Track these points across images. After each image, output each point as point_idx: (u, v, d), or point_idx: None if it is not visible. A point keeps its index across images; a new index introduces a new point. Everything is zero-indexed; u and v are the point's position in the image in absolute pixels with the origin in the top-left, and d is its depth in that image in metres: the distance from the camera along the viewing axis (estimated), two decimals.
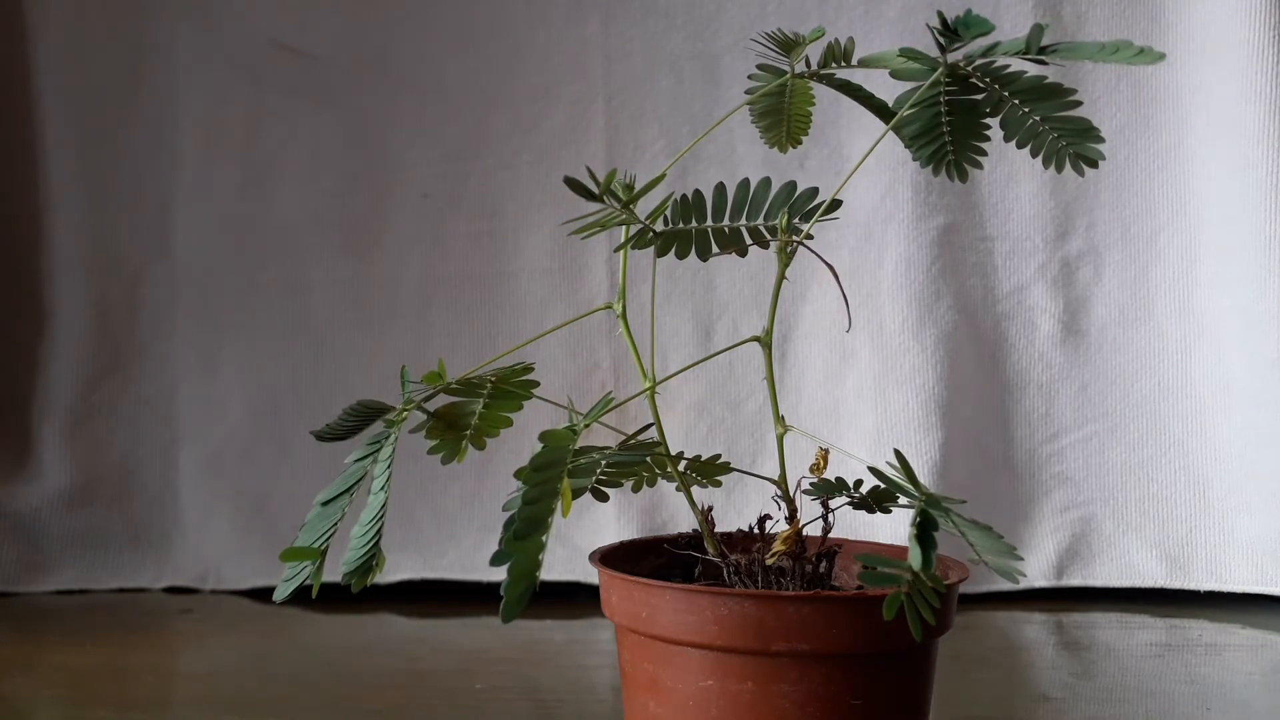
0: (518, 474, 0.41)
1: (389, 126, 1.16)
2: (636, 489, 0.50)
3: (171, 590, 1.10)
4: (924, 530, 0.39)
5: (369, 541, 0.43)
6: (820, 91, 0.47)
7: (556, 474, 0.40)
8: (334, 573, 0.45)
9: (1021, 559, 0.40)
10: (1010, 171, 1.09)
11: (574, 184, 0.42)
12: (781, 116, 0.46)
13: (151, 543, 1.14)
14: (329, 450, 0.49)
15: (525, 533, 0.38)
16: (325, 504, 0.45)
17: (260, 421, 1.17)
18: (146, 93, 1.18)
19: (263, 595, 1.08)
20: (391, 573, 1.06)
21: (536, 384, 0.45)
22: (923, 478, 1.05)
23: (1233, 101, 1.02)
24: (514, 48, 1.14)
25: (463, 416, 0.44)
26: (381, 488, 0.44)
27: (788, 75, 0.47)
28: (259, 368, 1.17)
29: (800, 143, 0.48)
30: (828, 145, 1.09)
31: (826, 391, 1.11)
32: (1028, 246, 1.09)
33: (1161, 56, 0.39)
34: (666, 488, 1.06)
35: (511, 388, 0.44)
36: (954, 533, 0.40)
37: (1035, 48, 0.39)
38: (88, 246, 1.18)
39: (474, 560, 1.09)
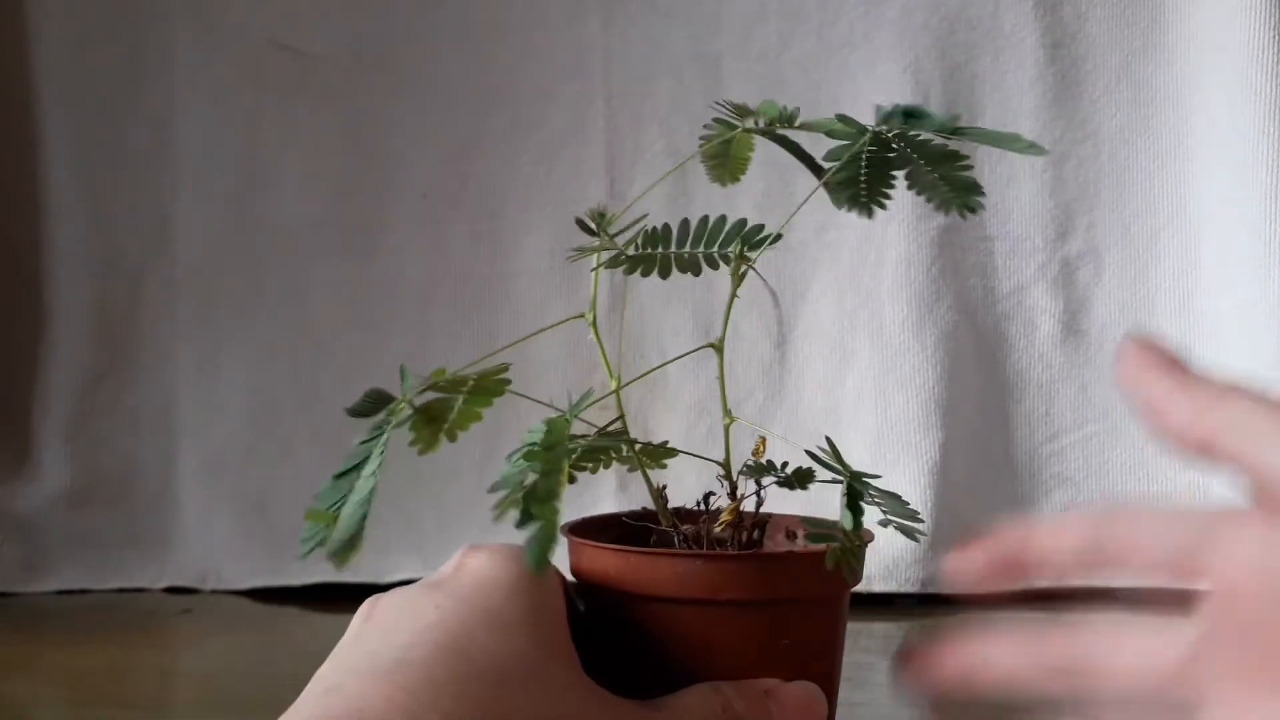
0: (512, 455, 0.49)
1: (389, 126, 1.16)
2: (593, 471, 0.59)
3: (171, 590, 1.10)
4: (853, 499, 0.50)
5: (356, 521, 0.48)
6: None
7: (562, 451, 0.48)
8: (334, 574, 0.45)
9: (923, 521, 0.51)
10: (1010, 172, 1.09)
11: (581, 224, 0.54)
12: (726, 160, 0.57)
13: (151, 543, 1.14)
14: (329, 450, 0.52)
15: (546, 496, 0.44)
16: (337, 478, 0.50)
17: (260, 421, 1.17)
18: (146, 93, 1.17)
19: (263, 595, 1.08)
20: (391, 572, 1.05)
21: (508, 382, 0.50)
22: (922, 477, 1.05)
23: (1233, 101, 1.02)
24: (514, 47, 1.14)
25: (444, 412, 0.49)
26: (372, 473, 0.49)
27: (738, 130, 0.57)
28: (259, 368, 1.17)
29: (739, 180, 0.57)
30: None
31: (826, 392, 1.11)
32: (1028, 246, 1.09)
33: (1045, 151, 0.53)
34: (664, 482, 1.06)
35: (487, 386, 0.50)
36: (873, 503, 0.51)
37: (949, 129, 0.51)
38: (88, 246, 1.18)
39: None
